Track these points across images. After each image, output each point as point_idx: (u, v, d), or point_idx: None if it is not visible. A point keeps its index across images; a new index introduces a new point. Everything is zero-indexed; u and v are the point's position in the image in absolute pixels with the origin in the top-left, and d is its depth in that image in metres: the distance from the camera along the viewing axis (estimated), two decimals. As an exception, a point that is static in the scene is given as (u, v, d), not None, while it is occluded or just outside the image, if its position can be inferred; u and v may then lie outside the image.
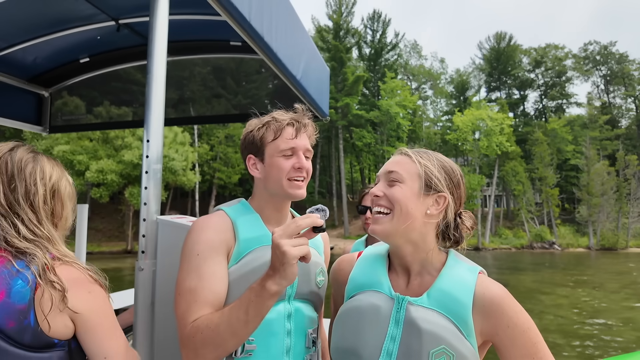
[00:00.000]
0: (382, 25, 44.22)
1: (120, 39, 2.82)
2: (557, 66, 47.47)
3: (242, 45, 2.86)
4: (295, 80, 2.14)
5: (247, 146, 1.13)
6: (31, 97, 3.34)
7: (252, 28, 1.52)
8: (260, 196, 1.13)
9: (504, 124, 36.98)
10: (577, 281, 15.25)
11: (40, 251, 0.82)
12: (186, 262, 0.98)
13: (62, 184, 0.98)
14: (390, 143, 36.79)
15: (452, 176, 0.91)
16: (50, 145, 25.57)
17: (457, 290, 0.82)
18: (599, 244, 33.75)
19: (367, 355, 0.84)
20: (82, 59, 3.10)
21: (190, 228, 1.02)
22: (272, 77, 3.65)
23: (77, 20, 2.50)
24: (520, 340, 0.78)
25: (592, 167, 36.03)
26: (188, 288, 0.94)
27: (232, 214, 1.07)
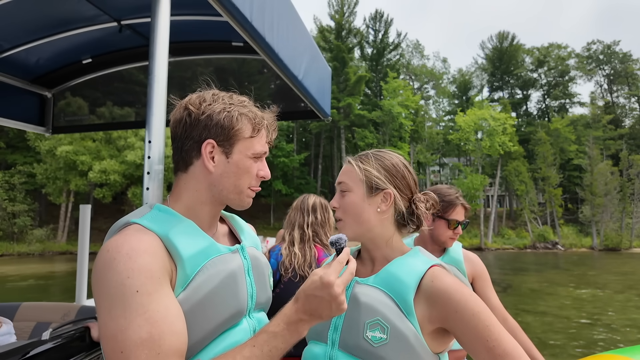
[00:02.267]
0: (384, 25, 44.20)
1: (122, 40, 2.83)
2: (560, 66, 47.29)
3: (244, 45, 2.87)
4: (297, 80, 2.13)
5: (209, 127, 0.84)
6: (34, 98, 3.36)
7: (253, 28, 1.52)
8: (195, 196, 0.86)
9: (507, 124, 36.86)
10: (580, 282, 15.18)
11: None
12: (119, 306, 0.68)
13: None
14: (392, 143, 36.73)
15: (393, 171, 0.99)
16: (53, 145, 25.67)
17: (402, 273, 0.90)
18: (603, 244, 33.58)
19: (320, 328, 0.94)
20: (85, 60, 3.11)
21: (104, 258, 0.72)
22: (275, 78, 3.65)
23: (80, 22, 2.51)
24: (470, 323, 0.81)
25: (595, 166, 35.87)
26: (139, 340, 0.67)
27: (156, 227, 0.78)
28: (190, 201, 0.87)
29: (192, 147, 0.85)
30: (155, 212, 0.83)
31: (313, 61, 2.43)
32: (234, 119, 0.85)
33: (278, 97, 3.83)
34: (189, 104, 0.86)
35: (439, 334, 0.89)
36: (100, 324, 0.71)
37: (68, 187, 27.50)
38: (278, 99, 3.80)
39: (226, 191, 0.87)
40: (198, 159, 0.85)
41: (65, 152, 25.08)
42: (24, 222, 27.80)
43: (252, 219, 37.16)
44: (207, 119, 0.84)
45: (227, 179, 0.86)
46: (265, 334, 0.76)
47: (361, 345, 0.87)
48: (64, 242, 28.91)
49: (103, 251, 0.74)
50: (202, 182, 0.86)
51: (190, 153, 0.86)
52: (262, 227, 35.04)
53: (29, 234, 27.69)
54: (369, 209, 0.96)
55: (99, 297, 0.71)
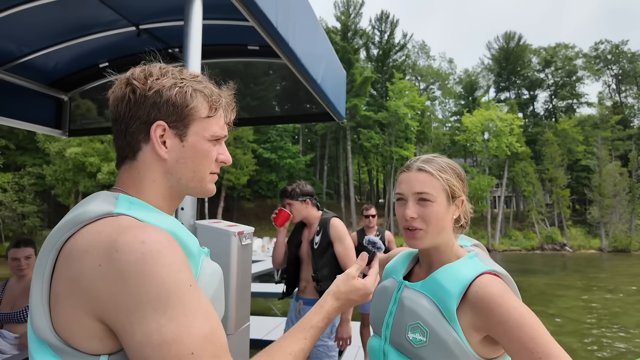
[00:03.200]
0: (390, 26, 44.12)
1: (139, 43, 2.86)
2: (567, 66, 46.86)
3: (259, 49, 2.89)
4: (316, 84, 2.14)
5: (158, 105, 0.71)
6: (51, 101, 3.40)
7: (278, 33, 1.53)
8: (154, 188, 0.74)
9: (514, 125, 36.61)
10: (590, 283, 15.02)
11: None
12: (177, 303, 0.60)
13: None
14: (398, 144, 36.64)
15: (463, 177, 1.03)
16: (62, 147, 25.96)
17: (447, 281, 0.92)
18: (611, 245, 33.19)
19: (377, 324, 1.04)
20: (102, 64, 3.15)
21: (141, 251, 0.60)
22: (280, 79, 3.67)
23: (99, 26, 2.54)
24: (514, 334, 0.81)
25: (603, 167, 35.48)
26: (205, 336, 0.61)
27: (153, 219, 0.69)
28: (152, 195, 0.74)
29: (139, 129, 0.72)
30: (127, 204, 0.69)
31: (330, 65, 2.44)
32: (188, 95, 0.73)
33: (284, 98, 3.84)
34: (132, 79, 0.72)
35: (490, 342, 0.89)
36: (146, 330, 0.58)
37: (77, 189, 27.78)
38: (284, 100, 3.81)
39: (185, 179, 0.75)
40: (147, 143, 0.73)
41: (74, 154, 25.36)
42: (34, 223, 28.12)
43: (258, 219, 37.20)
44: (155, 96, 0.71)
45: (184, 166, 0.74)
46: (313, 329, 0.80)
47: (404, 344, 0.94)
48: (72, 243, 29.17)
49: (134, 242, 0.60)
50: (156, 171, 0.74)
51: (137, 136, 0.72)
52: (268, 227, 35.07)
53: (38, 235, 27.98)
54: (447, 217, 0.99)
55: (141, 296, 0.58)
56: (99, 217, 0.65)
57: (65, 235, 0.65)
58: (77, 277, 0.61)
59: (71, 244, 0.64)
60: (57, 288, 0.63)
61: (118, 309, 0.59)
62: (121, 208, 0.67)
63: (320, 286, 2.54)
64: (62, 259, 0.64)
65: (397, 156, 36.29)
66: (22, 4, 2.15)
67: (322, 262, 2.55)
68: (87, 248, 0.61)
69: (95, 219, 0.65)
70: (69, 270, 0.62)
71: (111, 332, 0.61)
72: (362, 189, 52.54)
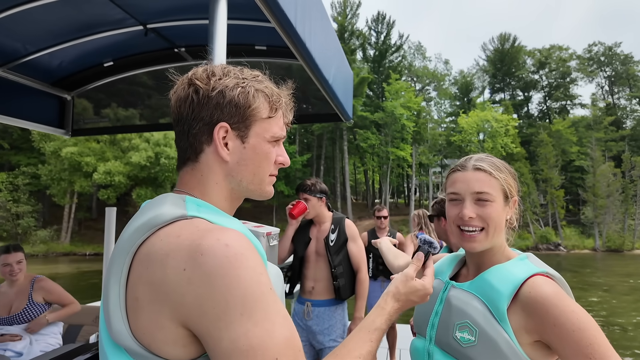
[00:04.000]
0: (387, 27, 44.23)
1: (145, 43, 2.83)
2: (561, 67, 47.27)
3: (266, 49, 2.86)
4: (328, 84, 2.13)
5: (221, 106, 0.70)
6: (54, 101, 3.35)
7: (296, 34, 1.51)
8: (218, 191, 0.73)
9: (509, 126, 36.85)
10: (586, 283, 15.13)
11: None
12: (260, 307, 0.58)
13: None
14: (394, 144, 36.72)
15: (516, 178, 1.01)
16: (58, 146, 25.72)
17: (498, 281, 0.89)
18: (605, 245, 33.49)
19: (422, 325, 1.03)
20: (106, 63, 3.11)
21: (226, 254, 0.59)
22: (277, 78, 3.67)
23: (107, 25, 2.50)
24: (570, 339, 0.78)
25: (597, 168, 35.79)
26: (286, 340, 0.59)
27: (223, 221, 0.69)
28: (215, 197, 0.73)
29: (202, 130, 0.71)
30: (195, 206, 0.68)
31: (341, 65, 2.42)
32: (250, 95, 0.72)
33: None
34: (195, 79, 0.71)
35: (541, 347, 0.86)
36: (233, 336, 0.56)
37: (72, 188, 27.53)
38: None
39: (246, 182, 0.74)
40: (209, 145, 0.72)
41: (70, 154, 25.12)
42: (28, 223, 27.82)
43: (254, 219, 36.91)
44: (218, 96, 0.70)
45: (245, 168, 0.73)
46: (378, 331, 0.80)
47: (451, 344, 0.92)
48: (67, 243, 28.93)
49: (218, 246, 0.58)
50: (218, 174, 0.73)
51: (200, 138, 0.71)
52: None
53: (32, 235, 27.71)
54: (504, 217, 0.98)
55: (227, 301, 0.56)
56: (173, 220, 0.64)
57: (140, 239, 0.63)
58: (160, 281, 0.59)
59: (148, 247, 0.62)
60: (135, 292, 0.61)
61: (204, 314, 0.57)
62: (192, 210, 0.66)
63: (338, 282, 2.52)
64: (139, 263, 0.62)
65: (394, 156, 36.36)
66: (28, 2, 2.11)
67: (339, 259, 2.55)
68: (168, 252, 0.59)
69: (170, 222, 0.64)
70: (149, 275, 0.60)
71: (195, 338, 0.59)
72: (358, 189, 52.58)
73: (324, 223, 2.66)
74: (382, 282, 4.22)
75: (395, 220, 37.90)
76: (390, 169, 37.80)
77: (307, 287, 2.66)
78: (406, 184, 46.85)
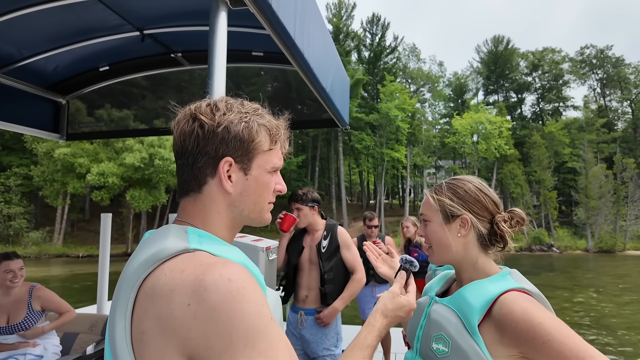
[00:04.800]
0: (381, 28, 44.38)
1: (142, 48, 2.82)
2: (554, 70, 47.72)
3: (264, 55, 2.87)
4: (324, 92, 2.14)
5: (226, 141, 0.73)
6: (49, 105, 3.33)
7: (294, 44, 1.52)
8: (219, 220, 0.76)
9: (503, 127, 37.11)
10: (578, 284, 15.28)
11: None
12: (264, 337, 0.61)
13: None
14: (389, 146, 36.83)
15: (466, 197, 1.04)
16: (51, 147, 25.46)
17: (472, 297, 0.94)
18: (597, 246, 33.83)
19: (411, 337, 1.09)
20: (102, 68, 3.10)
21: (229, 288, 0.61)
22: (272, 80, 3.64)
23: (103, 30, 2.50)
24: (543, 352, 0.81)
25: (589, 170, 36.16)
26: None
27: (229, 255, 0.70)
28: (217, 226, 0.76)
29: (206, 163, 0.74)
30: (197, 237, 0.70)
31: (337, 73, 2.44)
32: (254, 130, 0.75)
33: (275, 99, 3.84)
34: (200, 114, 0.74)
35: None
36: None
37: (65, 190, 27.28)
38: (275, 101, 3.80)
39: (247, 211, 0.78)
40: (213, 177, 0.75)
41: (63, 155, 24.89)
42: (20, 224, 27.53)
43: (249, 221, 37.02)
44: (224, 132, 0.73)
45: (247, 198, 0.77)
46: (370, 348, 0.86)
47: (429, 355, 0.98)
48: (60, 245, 28.66)
49: (221, 281, 0.60)
50: (220, 204, 0.76)
51: (205, 171, 0.74)
52: (259, 229, 34.98)
53: (24, 237, 27.41)
54: (448, 235, 1.03)
55: (232, 334, 0.59)
56: (176, 254, 0.66)
57: (145, 273, 0.65)
58: (166, 316, 0.60)
59: (152, 281, 0.64)
60: (141, 326, 0.62)
61: (209, 348, 0.59)
62: (194, 242, 0.68)
63: (325, 288, 2.52)
64: (145, 297, 0.63)
65: (388, 157, 36.46)
66: (26, 8, 2.10)
67: (330, 265, 2.55)
68: (173, 287, 0.61)
69: (173, 256, 0.66)
70: (155, 310, 0.61)
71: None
72: (353, 190, 52.64)
73: (317, 231, 2.66)
74: (374, 287, 4.22)
75: (390, 221, 37.99)
76: (385, 170, 37.91)
77: (300, 295, 2.64)
78: (401, 185, 47.00)
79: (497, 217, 1.03)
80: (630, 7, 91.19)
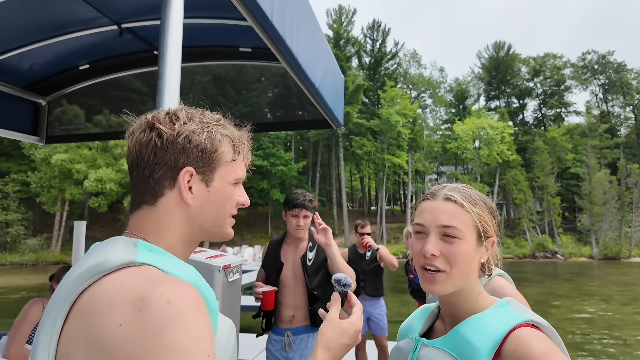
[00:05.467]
0: (382, 34, 44.51)
1: (122, 44, 2.67)
2: (555, 75, 47.68)
3: (252, 51, 2.71)
4: (314, 88, 1.97)
5: (187, 151, 0.70)
6: (27, 106, 3.18)
7: (275, 31, 1.35)
8: (176, 235, 0.71)
9: (505, 133, 36.95)
10: (584, 292, 15.00)
11: None
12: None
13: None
14: (390, 151, 36.70)
15: (496, 215, 0.89)
16: (48, 153, 25.40)
17: (475, 336, 0.77)
18: (602, 253, 33.47)
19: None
20: (82, 66, 2.94)
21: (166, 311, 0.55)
22: (272, 86, 3.53)
23: (78, 25, 2.34)
24: None
25: (593, 175, 35.91)
26: None
27: (178, 272, 0.65)
28: (172, 242, 0.71)
29: (164, 175, 0.70)
30: (147, 252, 0.64)
31: (329, 66, 2.27)
32: (217, 140, 0.72)
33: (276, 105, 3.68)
34: (158, 123, 0.70)
35: None
36: None
37: (63, 196, 27.15)
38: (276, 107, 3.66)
39: (207, 225, 0.74)
40: (171, 189, 0.70)
41: (61, 161, 24.81)
42: (17, 231, 27.37)
43: (249, 227, 36.77)
44: (184, 142, 0.69)
45: (208, 211, 0.73)
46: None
47: None
48: (57, 252, 28.47)
49: (159, 302, 0.54)
50: (177, 218, 0.71)
51: (163, 182, 0.70)
52: (259, 236, 34.72)
53: (22, 244, 27.24)
54: (476, 259, 0.84)
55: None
56: (120, 267, 0.61)
57: (82, 286, 0.59)
58: (95, 335, 0.55)
59: (89, 296, 0.58)
60: (68, 347, 0.56)
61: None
62: (142, 257, 0.63)
63: (314, 308, 2.27)
64: (77, 313, 0.57)
65: (389, 163, 36.32)
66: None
67: (317, 280, 2.31)
68: (110, 303, 0.56)
69: (116, 269, 0.60)
70: (86, 328, 0.56)
71: None
72: (354, 196, 52.44)
73: (301, 241, 2.40)
74: (364, 301, 3.97)
75: (392, 227, 37.71)
76: (386, 176, 37.73)
77: (285, 316, 2.34)
78: (402, 191, 46.78)
79: (495, 238, 0.88)
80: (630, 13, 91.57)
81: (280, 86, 3.51)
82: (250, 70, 3.48)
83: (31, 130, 3.24)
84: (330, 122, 2.62)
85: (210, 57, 2.84)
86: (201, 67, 3.08)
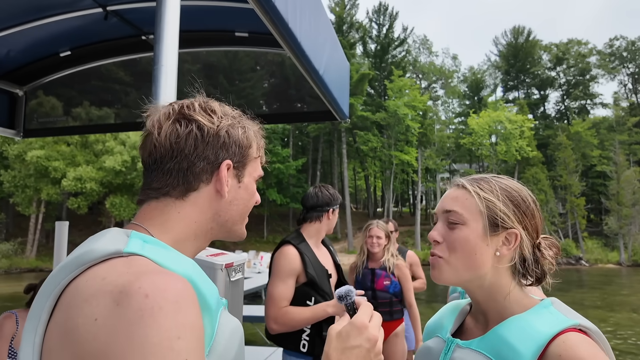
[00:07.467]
0: (389, 18, 44.50)
1: (107, 29, 2.68)
2: (580, 63, 47.66)
3: (248, 36, 2.73)
4: (318, 75, 1.98)
5: (227, 146, 0.75)
6: (3, 97, 3.20)
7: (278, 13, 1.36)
8: (192, 228, 0.74)
9: (524, 127, 36.95)
10: (612, 302, 15.01)
11: None
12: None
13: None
14: (398, 147, 36.72)
15: (523, 207, 0.88)
16: (23, 150, 25.43)
17: (517, 339, 0.77)
18: (631, 259, 33.47)
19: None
20: (63, 53, 2.96)
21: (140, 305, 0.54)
22: (269, 75, 3.54)
23: (59, 7, 2.36)
24: None
25: (621, 174, 35.90)
26: None
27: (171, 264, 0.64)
28: (183, 234, 0.74)
29: (204, 169, 0.74)
30: (140, 242, 0.65)
31: (334, 53, 2.28)
32: (250, 136, 0.80)
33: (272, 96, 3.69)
34: (196, 114, 0.74)
35: None
36: None
37: (39, 197, 27.19)
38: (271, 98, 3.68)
39: (231, 221, 0.79)
40: (208, 184, 0.75)
41: (36, 158, 24.83)
42: (-11, 235, 27.45)
43: (243, 231, 36.83)
44: (225, 136, 0.76)
45: (236, 207, 0.79)
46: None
47: None
48: (33, 258, 28.52)
49: (136, 296, 0.54)
50: (205, 212, 0.76)
51: (201, 176, 0.74)
52: (254, 240, 34.77)
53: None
54: (486, 250, 0.85)
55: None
56: (106, 258, 0.61)
57: (65, 279, 0.60)
58: (70, 331, 0.55)
59: (72, 290, 0.59)
60: (50, 343, 0.57)
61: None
62: (133, 247, 0.63)
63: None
64: (61, 308, 0.59)
65: (397, 161, 36.32)
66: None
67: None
68: (88, 297, 0.56)
69: (101, 260, 0.61)
70: (64, 322, 0.57)
71: None
72: (359, 196, 52.50)
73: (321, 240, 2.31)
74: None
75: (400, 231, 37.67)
76: (394, 175, 37.74)
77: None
78: (411, 191, 46.81)
79: (540, 240, 0.90)
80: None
81: (277, 75, 3.53)
82: (244, 58, 3.49)
83: (7, 123, 3.26)
84: (335, 113, 2.64)
85: (202, 43, 2.86)
86: (190, 54, 3.10)
